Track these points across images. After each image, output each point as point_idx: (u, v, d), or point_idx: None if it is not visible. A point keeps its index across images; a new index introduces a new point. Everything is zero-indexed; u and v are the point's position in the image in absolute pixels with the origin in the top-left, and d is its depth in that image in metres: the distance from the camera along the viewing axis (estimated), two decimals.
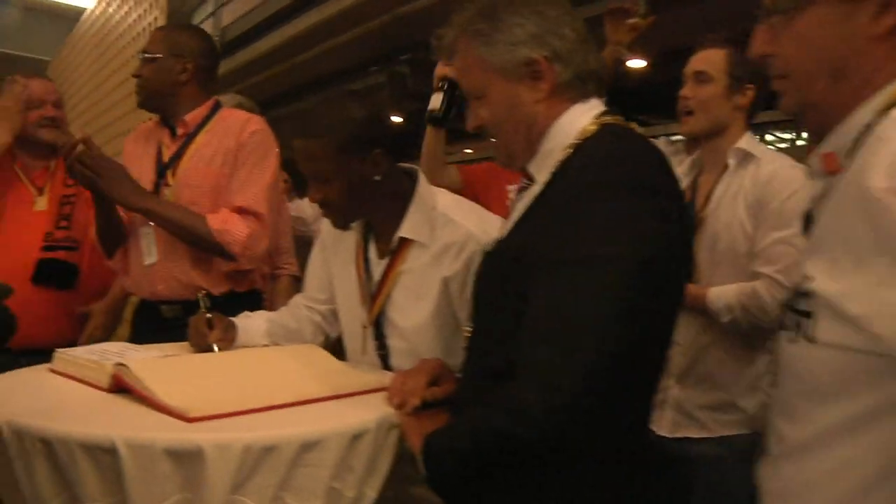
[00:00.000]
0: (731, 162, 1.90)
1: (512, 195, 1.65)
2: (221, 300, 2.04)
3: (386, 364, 1.64)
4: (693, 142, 2.11)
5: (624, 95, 1.76)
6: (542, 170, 1.18)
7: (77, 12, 6.76)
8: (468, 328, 1.30)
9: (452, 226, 1.58)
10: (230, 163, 2.12)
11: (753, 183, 1.84)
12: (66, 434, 1.08)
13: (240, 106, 2.71)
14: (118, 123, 4.74)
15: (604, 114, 1.18)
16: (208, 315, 1.65)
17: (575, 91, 1.19)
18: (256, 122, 2.20)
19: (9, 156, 2.45)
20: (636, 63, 4.72)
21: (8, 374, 1.53)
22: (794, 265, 1.55)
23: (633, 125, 1.18)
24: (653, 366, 1.12)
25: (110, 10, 5.27)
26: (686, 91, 1.97)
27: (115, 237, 2.20)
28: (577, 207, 1.03)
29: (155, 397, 1.20)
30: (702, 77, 1.93)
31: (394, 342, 1.63)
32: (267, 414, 1.22)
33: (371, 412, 1.25)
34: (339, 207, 1.58)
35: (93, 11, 5.87)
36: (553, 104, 1.19)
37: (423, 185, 1.64)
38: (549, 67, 1.16)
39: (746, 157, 1.89)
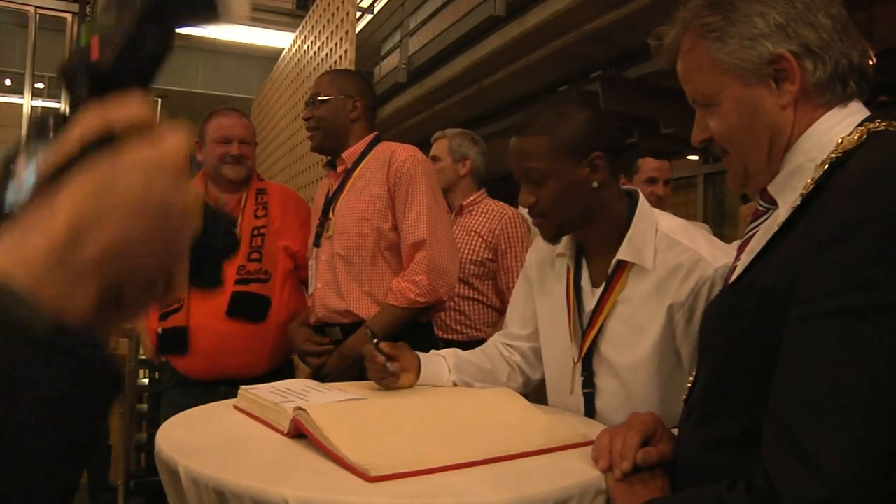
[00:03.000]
0: None
1: None
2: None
3: (590, 406, 1.46)
4: None
5: None
6: (787, 191, 0.95)
7: (277, 52, 7.18)
8: (692, 377, 1.09)
9: (678, 248, 1.40)
10: (383, 196, 2.20)
11: None
12: (239, 488, 1.00)
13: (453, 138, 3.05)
14: (311, 156, 4.91)
15: (869, 119, 0.93)
16: (377, 341, 1.57)
17: (831, 94, 0.95)
18: (404, 151, 2.25)
19: (203, 189, 2.53)
20: None
21: (195, 409, 1.51)
22: None
23: None
24: None
25: (305, 46, 5.50)
26: None
27: None
28: (852, 242, 0.79)
29: (334, 449, 1.08)
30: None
31: (603, 381, 1.45)
32: (455, 474, 1.06)
33: (574, 475, 1.07)
34: (551, 214, 1.43)
35: (290, 49, 6.18)
36: (803, 111, 0.96)
37: (644, 206, 1.46)
38: (797, 65, 0.94)
39: None
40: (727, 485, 0.85)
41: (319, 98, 2.34)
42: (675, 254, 1.40)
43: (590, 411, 1.47)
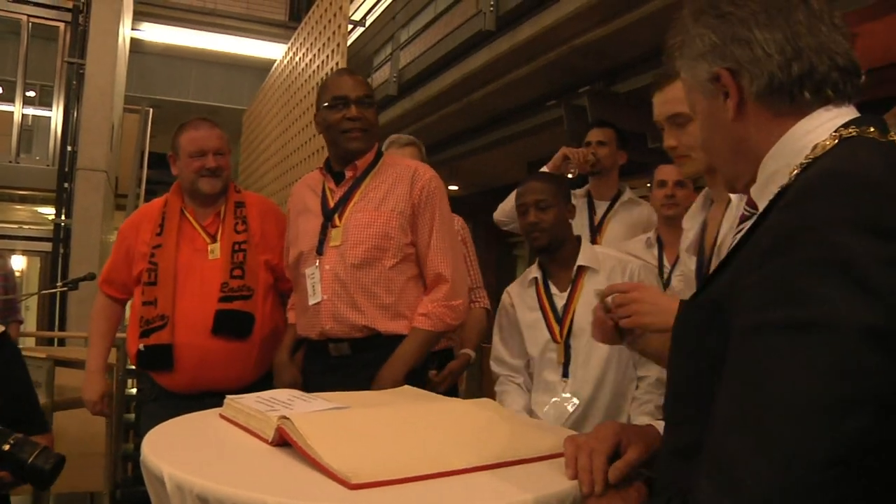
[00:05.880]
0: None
1: None
2: (389, 340, 2.16)
3: (566, 370, 2.31)
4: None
5: None
6: (764, 197, 0.95)
7: (269, 63, 7.20)
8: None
9: (610, 257, 2.37)
10: (406, 212, 2.20)
11: None
12: (223, 494, 1.02)
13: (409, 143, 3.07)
14: (302, 166, 4.93)
15: (850, 124, 0.91)
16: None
17: (790, 102, 0.94)
18: (426, 170, 2.28)
19: (180, 204, 2.52)
20: None
21: (181, 418, 1.52)
22: None
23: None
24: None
25: (296, 59, 5.54)
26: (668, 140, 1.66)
27: None
28: (786, 252, 0.77)
29: (317, 457, 1.10)
30: (678, 120, 1.62)
31: (580, 344, 2.29)
32: (436, 482, 1.08)
33: (553, 484, 1.09)
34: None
35: (282, 61, 6.22)
36: (761, 120, 0.96)
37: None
38: (733, 81, 0.96)
39: None
40: (665, 498, 0.86)
41: (370, 98, 2.28)
42: (609, 260, 2.35)
43: (565, 375, 2.29)
